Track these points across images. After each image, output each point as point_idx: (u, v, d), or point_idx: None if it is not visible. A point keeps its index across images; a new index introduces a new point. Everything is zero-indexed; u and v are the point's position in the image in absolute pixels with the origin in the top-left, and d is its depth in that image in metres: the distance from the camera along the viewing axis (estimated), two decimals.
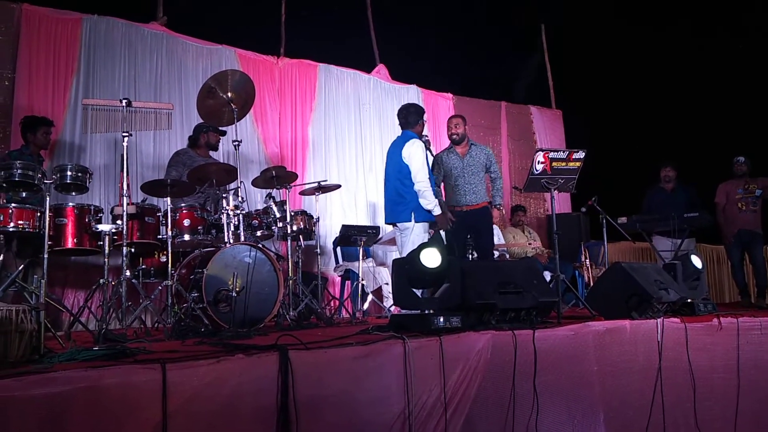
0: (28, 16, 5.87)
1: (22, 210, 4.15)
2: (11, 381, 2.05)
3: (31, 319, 2.65)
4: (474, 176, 5.51)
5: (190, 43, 6.87)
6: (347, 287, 6.83)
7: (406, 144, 4.86)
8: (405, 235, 4.86)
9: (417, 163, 4.78)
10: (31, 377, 2.11)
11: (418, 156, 4.80)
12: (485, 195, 5.56)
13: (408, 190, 4.81)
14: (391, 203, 4.96)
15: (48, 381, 2.10)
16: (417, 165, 4.78)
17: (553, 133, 10.21)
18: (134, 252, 4.70)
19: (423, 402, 2.97)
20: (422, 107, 5.27)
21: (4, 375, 2.13)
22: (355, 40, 8.64)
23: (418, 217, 4.81)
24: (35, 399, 2.03)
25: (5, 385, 2.01)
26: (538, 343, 3.37)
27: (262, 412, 2.50)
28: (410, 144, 4.86)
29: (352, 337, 3.19)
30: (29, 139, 5.10)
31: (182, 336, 3.69)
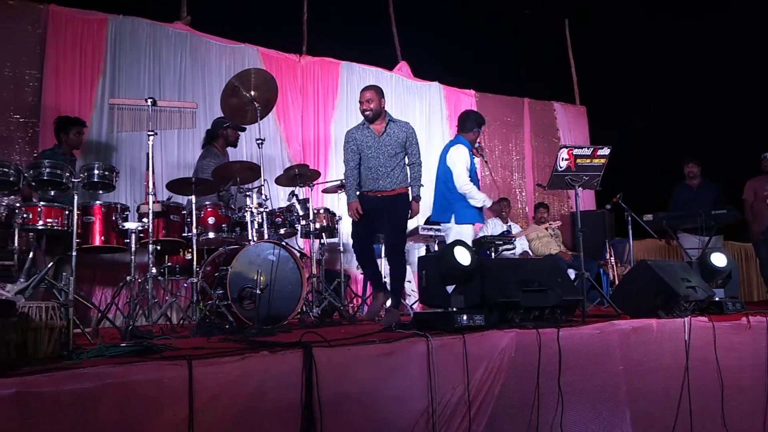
0: (55, 16, 5.98)
1: (51, 208, 4.23)
2: (41, 377, 2.09)
3: (60, 315, 2.70)
4: (391, 158, 4.65)
5: (214, 42, 6.92)
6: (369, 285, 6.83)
7: (451, 149, 5.12)
8: (449, 236, 5.09)
9: (459, 168, 5.01)
10: (60, 373, 2.15)
11: (460, 161, 5.02)
12: (403, 179, 4.70)
13: (450, 193, 5.05)
14: (436, 204, 5.24)
15: (77, 377, 2.14)
16: (458, 169, 5.01)
17: (577, 129, 10.11)
18: (160, 249, 4.76)
19: (446, 400, 2.97)
20: (482, 117, 5.42)
21: (34, 371, 2.17)
22: (377, 38, 8.64)
23: (458, 219, 5.03)
24: (64, 394, 2.06)
25: (35, 381, 2.05)
26: (562, 341, 3.34)
27: (287, 409, 2.52)
28: (454, 149, 5.10)
29: (375, 335, 3.20)
30: (62, 139, 5.21)
31: (207, 333, 3.73)
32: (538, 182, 5.49)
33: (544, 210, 7.91)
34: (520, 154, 9.48)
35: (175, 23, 6.74)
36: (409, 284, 6.72)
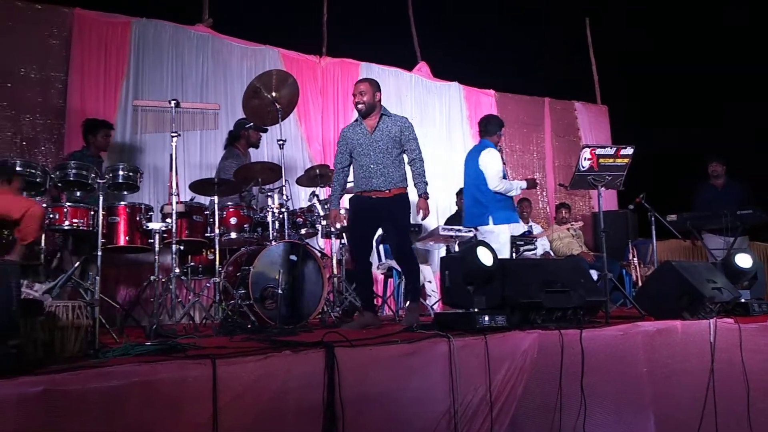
0: (80, 20, 6.06)
1: (77, 209, 4.30)
2: (68, 375, 2.12)
3: (87, 314, 2.74)
4: (384, 155, 4.33)
5: (235, 44, 6.98)
6: (390, 285, 6.84)
7: (482, 152, 5.15)
8: (489, 239, 5.05)
9: (492, 170, 5.07)
10: (87, 371, 2.18)
11: (493, 163, 5.08)
12: (401, 179, 4.40)
13: (485, 195, 5.09)
14: (469, 208, 5.29)
15: (103, 375, 2.17)
16: (492, 171, 5.07)
17: (599, 128, 10.02)
18: (183, 249, 4.80)
19: (468, 401, 2.96)
20: (502, 120, 5.49)
21: (61, 369, 2.21)
22: (396, 38, 8.64)
23: (495, 220, 5.07)
24: (91, 393, 2.09)
25: (62, 379, 2.08)
26: (585, 343, 3.32)
27: (309, 409, 2.53)
28: (486, 152, 5.14)
29: (396, 335, 3.21)
30: (90, 141, 5.31)
31: (230, 332, 3.76)
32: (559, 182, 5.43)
33: (566, 210, 7.85)
34: (541, 154, 9.42)
35: (197, 26, 6.80)
36: (429, 284, 6.72)
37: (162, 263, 4.40)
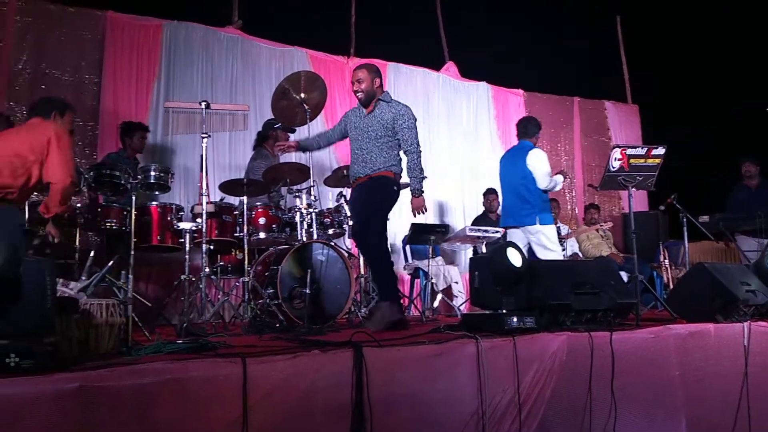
0: (113, 23, 6.19)
1: (110, 209, 4.39)
2: (103, 372, 2.16)
3: (120, 312, 2.80)
4: (371, 140, 4.12)
5: (264, 45, 7.04)
6: (416, 285, 6.84)
7: (530, 152, 5.21)
8: (537, 238, 5.13)
9: (542, 170, 5.16)
10: (121, 368, 2.22)
11: (542, 164, 5.16)
12: (383, 163, 4.11)
13: (532, 195, 5.15)
14: (515, 208, 5.27)
15: (137, 372, 2.20)
16: (543, 172, 5.15)
17: (629, 128, 9.89)
18: (213, 249, 4.86)
19: (496, 402, 2.94)
20: (540, 122, 5.57)
21: (96, 366, 2.25)
22: (424, 38, 8.65)
23: (543, 220, 5.12)
24: (125, 389, 2.12)
25: (98, 376, 2.12)
26: (615, 345, 3.27)
27: (338, 408, 2.54)
28: (534, 152, 5.22)
29: (424, 336, 3.20)
30: (126, 143, 5.45)
31: (259, 331, 3.80)
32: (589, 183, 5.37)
33: (595, 211, 7.76)
34: (570, 154, 9.33)
35: (227, 27, 6.89)
36: (456, 285, 6.70)
37: (192, 262, 4.45)
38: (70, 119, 3.76)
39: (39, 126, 3.55)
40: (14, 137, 3.43)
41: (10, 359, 2.05)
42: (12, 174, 3.35)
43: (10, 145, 3.38)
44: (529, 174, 5.16)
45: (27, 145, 3.40)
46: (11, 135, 3.48)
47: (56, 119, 3.65)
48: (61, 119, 3.67)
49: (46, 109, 3.66)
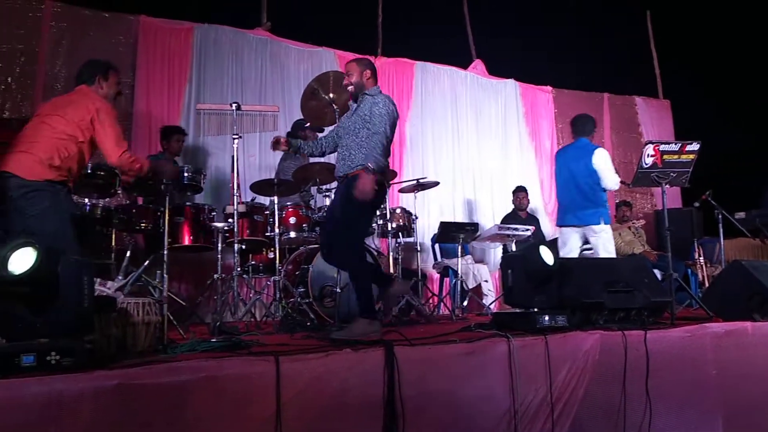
0: (145, 27, 6.30)
1: (144, 209, 4.48)
2: (141, 369, 2.21)
3: (156, 311, 2.85)
4: (351, 136, 3.83)
5: (292, 46, 7.10)
6: (446, 284, 6.83)
7: (597, 152, 5.23)
8: (601, 238, 5.14)
9: (611, 170, 5.19)
10: (157, 366, 2.27)
11: (608, 162, 5.19)
12: (362, 160, 3.72)
13: (597, 195, 5.18)
14: (577, 207, 5.25)
15: (173, 370, 2.24)
16: (611, 171, 5.19)
17: (661, 124, 9.73)
18: (244, 249, 4.92)
19: (529, 401, 2.93)
20: (594, 119, 5.61)
21: (134, 364, 2.30)
22: (451, 37, 8.62)
23: (606, 220, 5.17)
24: (162, 386, 2.16)
25: (136, 373, 2.17)
26: (650, 344, 3.23)
27: (370, 406, 2.55)
28: (600, 151, 5.25)
29: (454, 335, 3.20)
30: (164, 146, 5.56)
31: (290, 330, 3.83)
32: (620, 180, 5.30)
33: (627, 208, 7.65)
34: None
35: (255, 30, 6.96)
36: (486, 284, 6.68)
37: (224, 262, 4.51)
38: (115, 80, 3.75)
39: (83, 100, 3.53)
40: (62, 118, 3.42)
41: (51, 357, 2.10)
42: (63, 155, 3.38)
43: (60, 126, 3.40)
44: (594, 173, 5.17)
45: (74, 125, 3.42)
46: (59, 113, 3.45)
47: (100, 83, 3.65)
48: (105, 82, 3.67)
49: (90, 74, 3.66)
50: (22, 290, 2.13)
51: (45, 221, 3.25)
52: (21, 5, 5.78)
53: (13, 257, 2.12)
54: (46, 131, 3.37)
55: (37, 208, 3.25)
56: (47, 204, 3.27)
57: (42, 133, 3.37)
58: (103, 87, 3.65)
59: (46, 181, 3.29)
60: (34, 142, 3.34)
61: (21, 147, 3.34)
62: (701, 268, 6.97)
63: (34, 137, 3.36)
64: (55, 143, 3.36)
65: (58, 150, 3.35)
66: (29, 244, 2.13)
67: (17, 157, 3.32)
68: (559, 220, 5.51)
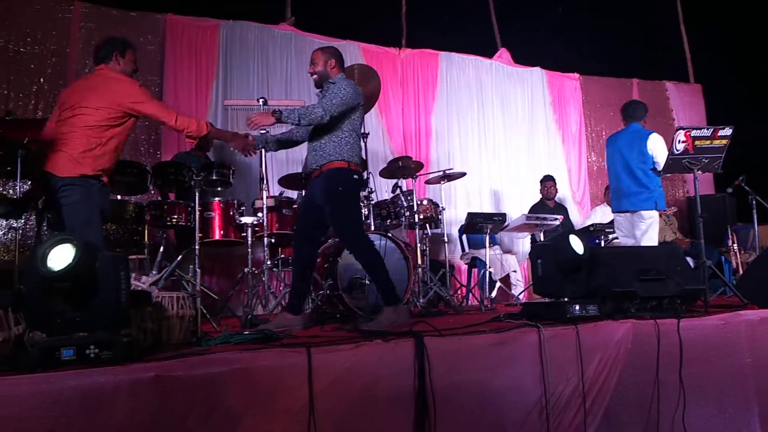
0: (172, 25, 6.38)
1: (175, 205, 4.55)
2: (176, 362, 2.26)
3: (189, 305, 2.90)
4: (318, 127, 3.70)
5: (317, 40, 7.11)
6: (474, 275, 6.82)
7: (652, 136, 5.20)
8: (646, 224, 5.14)
9: (665, 155, 5.01)
10: (192, 358, 2.32)
11: (665, 148, 5.07)
12: (334, 153, 3.65)
13: (651, 180, 5.15)
14: (632, 193, 5.23)
15: (208, 362, 2.29)
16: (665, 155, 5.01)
17: (692, 109, 9.54)
18: (273, 242, 4.97)
19: (560, 391, 2.92)
20: (645, 104, 5.61)
21: (169, 356, 2.36)
22: (475, 26, 8.55)
23: (660, 205, 5.16)
24: (197, 378, 2.21)
25: (171, 365, 2.22)
26: (683, 333, 3.19)
27: (400, 396, 2.57)
28: (655, 136, 5.21)
29: (484, 325, 3.20)
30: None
31: (321, 321, 3.86)
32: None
33: None
34: None
35: (280, 25, 7.00)
36: (514, 274, 6.65)
37: (254, 256, 4.56)
38: (132, 57, 3.76)
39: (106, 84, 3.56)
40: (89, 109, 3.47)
41: (90, 351, 2.16)
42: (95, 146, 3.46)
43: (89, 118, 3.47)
44: (649, 158, 5.15)
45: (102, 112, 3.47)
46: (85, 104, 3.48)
47: (117, 59, 3.67)
48: (122, 59, 3.69)
49: (108, 51, 3.67)
50: (62, 286, 2.18)
51: (75, 213, 3.36)
52: (51, 7, 5.90)
53: (53, 253, 2.17)
54: (77, 126, 3.46)
55: (68, 201, 3.38)
56: (78, 197, 3.38)
57: (73, 128, 3.46)
58: (120, 63, 3.68)
59: (80, 176, 3.41)
60: (67, 140, 3.44)
61: (57, 146, 3.45)
62: (735, 255, 6.83)
63: (67, 134, 3.46)
64: (86, 136, 3.45)
65: (89, 142, 3.45)
66: (68, 240, 2.19)
67: (54, 156, 3.43)
68: (614, 206, 5.47)
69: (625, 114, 5.50)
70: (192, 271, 3.37)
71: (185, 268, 4.14)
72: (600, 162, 8.74)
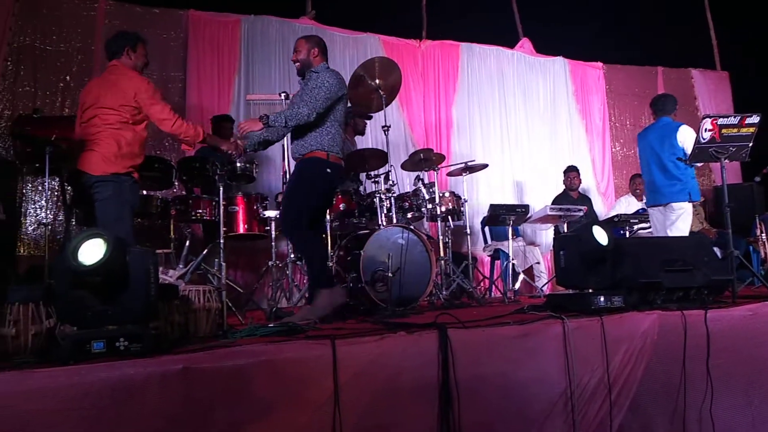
0: (195, 21, 6.43)
1: (200, 200, 4.60)
2: (204, 354, 2.29)
3: (215, 298, 2.94)
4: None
5: (338, 33, 7.13)
6: (497, 267, 6.80)
7: (681, 128, 5.22)
8: (676, 215, 5.15)
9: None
10: (219, 351, 2.34)
11: (693, 136, 4.98)
12: (315, 143, 3.71)
13: (683, 171, 5.16)
14: (664, 185, 5.26)
15: (234, 354, 2.32)
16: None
17: (718, 97, 9.37)
18: None
19: (585, 383, 2.90)
20: (675, 97, 5.62)
21: (197, 348, 2.39)
22: (496, 16, 8.47)
23: (695, 195, 5.18)
24: (224, 370, 2.23)
25: (198, 358, 2.25)
26: (711, 324, 3.15)
27: (424, 388, 2.58)
28: (685, 128, 5.22)
29: (508, 317, 3.19)
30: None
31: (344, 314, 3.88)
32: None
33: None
34: None
35: (301, 18, 7.02)
36: (537, 266, 6.61)
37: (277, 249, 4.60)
38: (143, 51, 3.81)
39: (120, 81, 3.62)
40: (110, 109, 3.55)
41: (120, 343, 2.20)
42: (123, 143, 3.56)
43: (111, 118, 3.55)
44: (679, 150, 5.16)
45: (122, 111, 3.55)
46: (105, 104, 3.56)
47: (129, 54, 3.73)
48: (134, 53, 3.75)
49: (119, 46, 3.73)
50: (94, 280, 2.22)
51: (107, 209, 3.47)
52: (76, 5, 5.99)
53: (84, 248, 2.21)
54: (102, 126, 3.56)
55: (101, 197, 3.49)
56: (110, 193, 3.49)
57: (99, 129, 3.56)
58: (131, 58, 3.75)
59: (112, 174, 3.52)
60: (97, 140, 3.54)
61: (88, 146, 3.56)
62: (763, 245, 6.72)
63: (95, 134, 3.56)
64: (113, 136, 3.55)
65: (117, 141, 3.54)
66: (99, 235, 2.22)
67: (86, 156, 3.55)
68: (649, 199, 5.49)
69: (654, 108, 5.50)
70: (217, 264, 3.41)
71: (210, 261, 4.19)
72: (624, 152, 8.65)
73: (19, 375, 1.97)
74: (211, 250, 4.27)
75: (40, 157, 3.46)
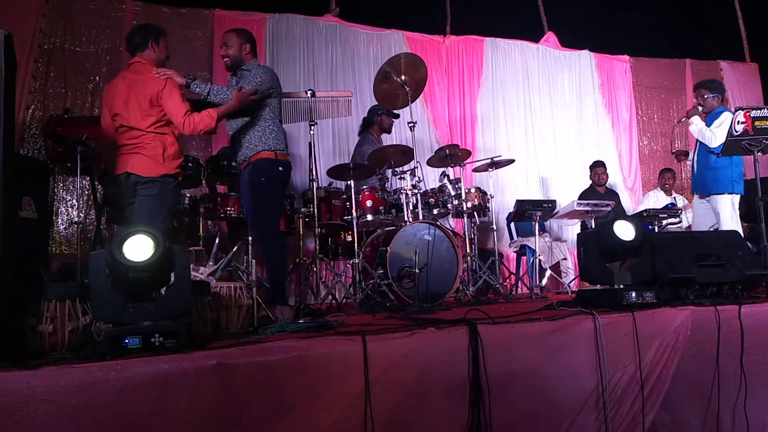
0: (220, 20, 6.48)
1: (228, 198, 4.65)
2: (236, 350, 2.31)
3: (246, 294, 2.97)
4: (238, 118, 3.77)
5: (362, 30, 7.14)
6: (523, 263, 6.76)
7: (721, 115, 5.13)
8: (720, 207, 5.07)
9: (714, 126, 5.07)
10: (252, 346, 2.36)
11: (718, 121, 5.05)
12: (260, 143, 3.73)
13: (721, 160, 5.03)
14: (707, 177, 5.21)
15: (266, 350, 2.34)
16: (714, 127, 5.07)
17: (748, 89, 9.18)
18: (323, 233, 5.02)
19: (617, 380, 2.88)
20: (720, 84, 5.56)
21: (230, 344, 2.41)
22: (521, 10, 8.39)
23: (738, 187, 5.08)
24: (257, 365, 2.26)
25: (232, 353, 2.27)
26: (745, 319, 3.10)
27: (455, 384, 2.58)
28: (724, 115, 5.11)
29: (537, 313, 3.17)
30: None
31: (371, 310, 3.90)
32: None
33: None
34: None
35: (325, 16, 7.04)
36: (564, 262, 6.56)
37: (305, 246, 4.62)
38: (165, 44, 3.78)
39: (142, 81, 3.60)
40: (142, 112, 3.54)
41: (155, 339, 2.23)
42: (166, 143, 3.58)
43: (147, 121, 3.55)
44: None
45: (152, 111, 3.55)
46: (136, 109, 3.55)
47: (153, 47, 3.70)
48: (157, 46, 3.72)
49: (143, 38, 3.70)
50: (143, 276, 2.24)
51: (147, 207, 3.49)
52: (104, 6, 6.08)
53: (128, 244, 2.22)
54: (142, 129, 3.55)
55: (143, 194, 3.51)
56: (155, 192, 3.51)
57: (141, 134, 3.55)
58: (155, 51, 3.72)
59: (161, 176, 3.54)
60: (140, 144, 3.54)
61: (133, 149, 3.55)
62: None
63: (137, 139, 3.55)
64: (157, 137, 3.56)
65: (162, 142, 3.56)
66: (143, 231, 2.25)
67: (134, 159, 3.54)
68: (692, 190, 5.50)
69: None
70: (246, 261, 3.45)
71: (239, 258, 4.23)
72: (651, 146, 8.53)
73: (58, 370, 2.00)
74: (239, 247, 4.31)
75: (71, 157, 3.53)
